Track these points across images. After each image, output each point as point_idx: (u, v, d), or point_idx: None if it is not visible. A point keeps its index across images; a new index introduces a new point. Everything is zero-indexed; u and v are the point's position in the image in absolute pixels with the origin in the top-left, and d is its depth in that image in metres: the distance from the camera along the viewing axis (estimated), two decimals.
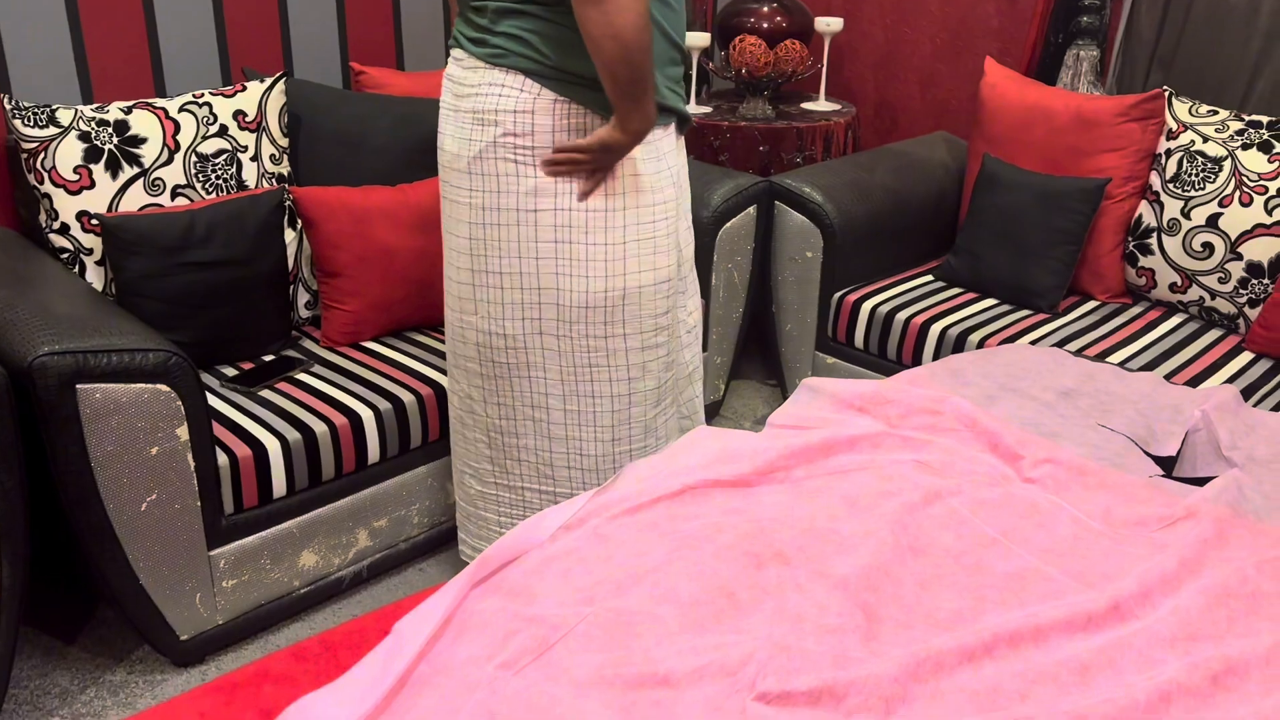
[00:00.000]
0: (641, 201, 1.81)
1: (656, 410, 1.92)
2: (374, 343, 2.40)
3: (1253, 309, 2.54)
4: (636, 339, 1.84)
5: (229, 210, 2.22)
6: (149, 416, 1.79)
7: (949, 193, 3.04)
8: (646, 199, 1.81)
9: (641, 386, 1.87)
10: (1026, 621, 1.09)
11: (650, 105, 1.67)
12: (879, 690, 1.00)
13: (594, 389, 1.86)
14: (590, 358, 1.84)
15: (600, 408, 1.87)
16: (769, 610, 1.10)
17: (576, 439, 1.89)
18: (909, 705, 1.00)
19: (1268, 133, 2.55)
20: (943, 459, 1.40)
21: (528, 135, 1.72)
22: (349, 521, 2.15)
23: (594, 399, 1.86)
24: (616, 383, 1.87)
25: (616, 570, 1.16)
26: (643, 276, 1.81)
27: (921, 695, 1.01)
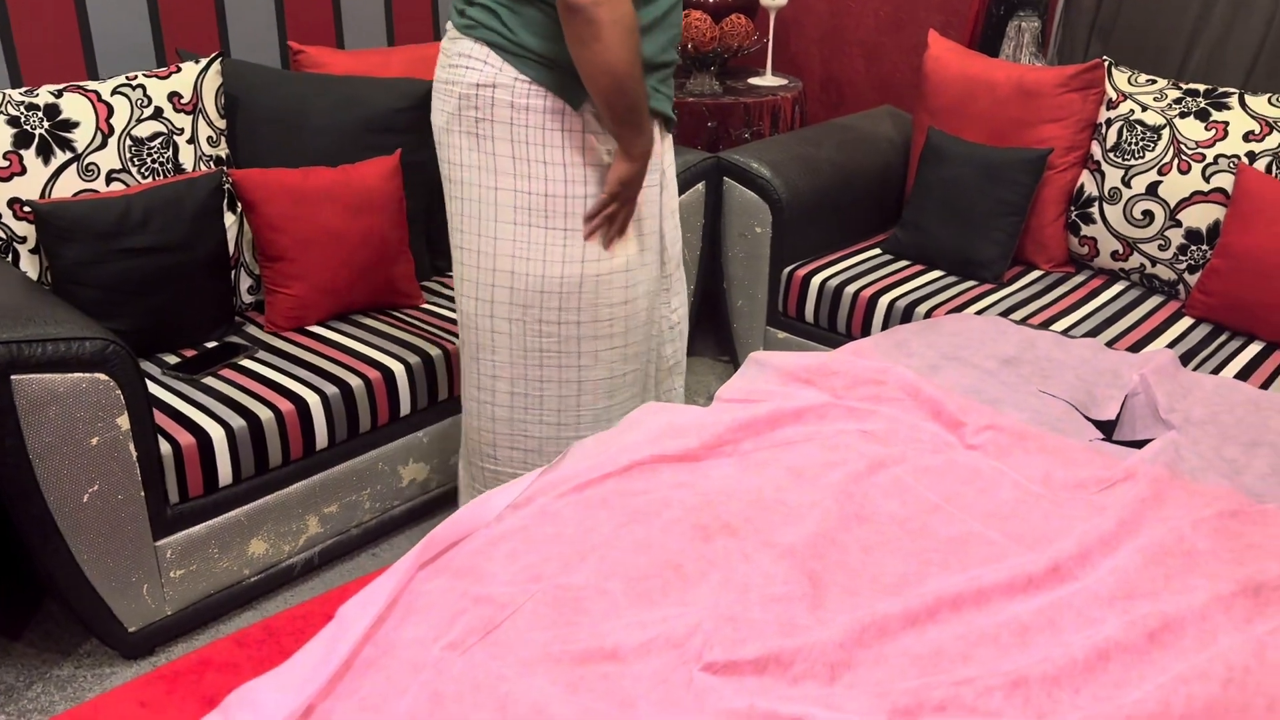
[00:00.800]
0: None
1: (611, 402, 1.90)
2: (320, 327, 2.38)
3: (1192, 275, 2.59)
4: (590, 327, 1.82)
5: (166, 195, 2.18)
6: (88, 406, 1.75)
7: (895, 166, 3.05)
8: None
9: (592, 375, 1.85)
10: (968, 584, 1.11)
11: (648, 126, 1.68)
12: (824, 656, 1.01)
13: (542, 374, 1.84)
14: (541, 342, 1.82)
15: (547, 393, 1.85)
16: (715, 581, 1.10)
17: (521, 421, 1.88)
18: (853, 670, 1.01)
19: (1204, 100, 2.59)
20: (886, 428, 1.41)
21: (487, 109, 1.69)
22: (298, 509, 2.13)
23: (541, 384, 1.85)
24: (566, 369, 1.85)
25: (564, 547, 1.16)
26: (600, 265, 1.78)
27: (865, 660, 1.02)
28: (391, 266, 2.49)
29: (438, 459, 2.36)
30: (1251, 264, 2.40)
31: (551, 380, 1.85)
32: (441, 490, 2.41)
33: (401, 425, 2.26)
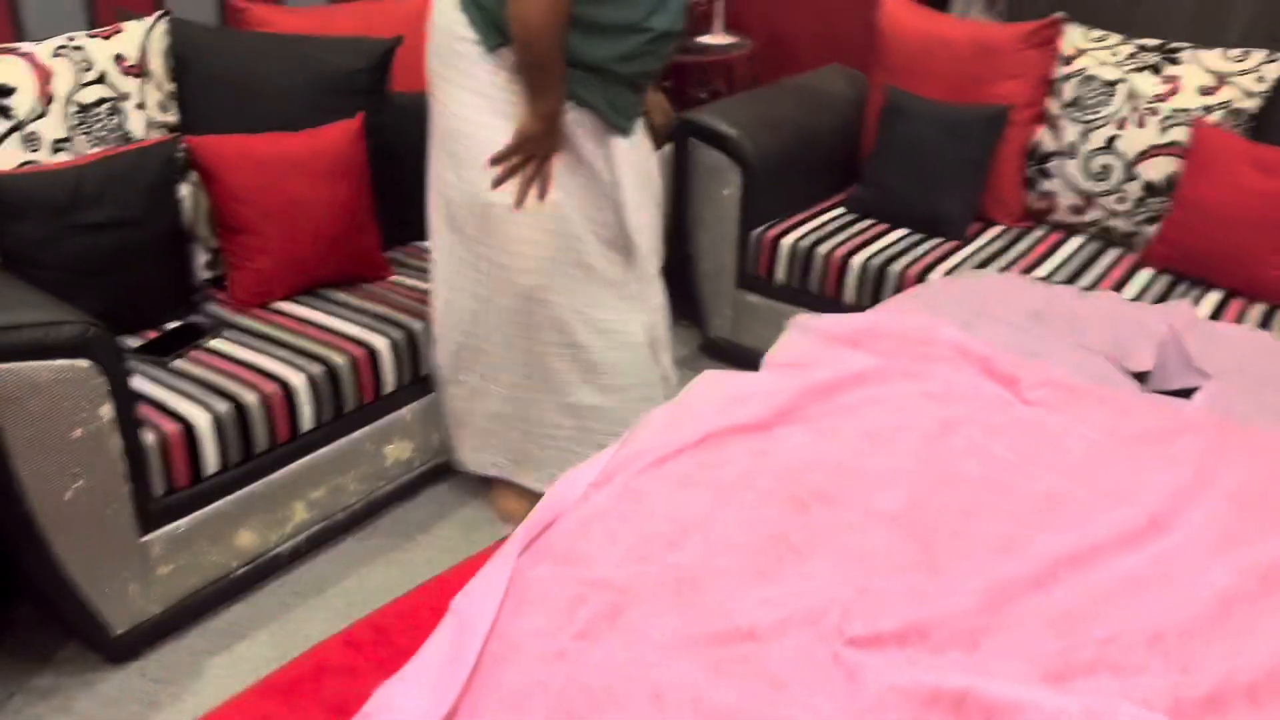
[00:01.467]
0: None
1: (528, 343, 2.04)
2: (288, 303, 2.25)
3: (1149, 227, 2.65)
4: (502, 254, 1.98)
5: (119, 165, 2.02)
6: (70, 396, 1.62)
7: (851, 124, 3.05)
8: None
9: (499, 304, 2.02)
10: (1080, 543, 1.11)
11: (556, 93, 1.84)
12: (962, 624, 1.00)
13: (463, 285, 2.05)
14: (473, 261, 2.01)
15: (464, 305, 2.06)
16: (829, 553, 1.08)
17: (443, 329, 2.12)
18: (991, 637, 1.00)
19: (1158, 55, 2.64)
20: (945, 388, 1.40)
21: (437, 47, 1.95)
22: (285, 495, 2.02)
23: (460, 292, 2.06)
24: (479, 284, 2.04)
25: (662, 525, 1.11)
26: (494, 196, 1.93)
27: (1002, 625, 1.01)
28: (359, 237, 2.38)
29: (420, 436, 2.27)
30: (1209, 215, 2.47)
31: (467, 293, 2.06)
32: (425, 468, 2.32)
33: (385, 403, 2.17)
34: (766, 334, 2.77)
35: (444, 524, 2.27)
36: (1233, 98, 2.52)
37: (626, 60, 1.88)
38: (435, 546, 2.20)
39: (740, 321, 2.86)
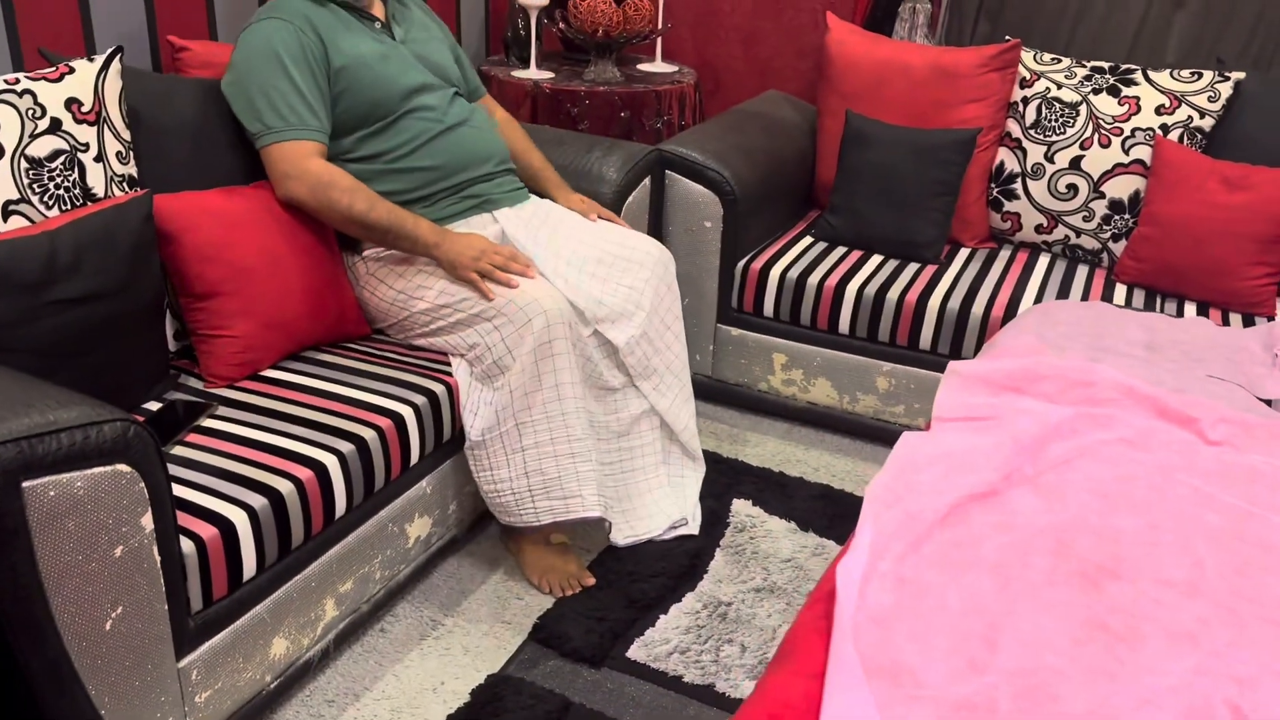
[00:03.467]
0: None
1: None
2: (280, 371, 2.00)
3: (1116, 243, 2.73)
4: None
5: (94, 227, 1.74)
6: (111, 508, 1.36)
7: (807, 151, 3.02)
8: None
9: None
10: None
11: (419, 234, 2.00)
12: None
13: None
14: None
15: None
16: (1159, 636, 1.00)
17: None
18: None
19: (1112, 77, 2.73)
20: (1138, 434, 1.36)
21: None
22: (317, 592, 1.79)
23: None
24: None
25: (965, 622, 1.01)
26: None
27: None
28: (337, 292, 2.15)
29: (439, 509, 2.07)
30: (1177, 230, 2.56)
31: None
32: (441, 543, 2.12)
33: (410, 476, 1.96)
34: (751, 368, 2.70)
35: (470, 602, 2.07)
36: (1190, 116, 2.63)
37: (418, 184, 2.13)
38: (468, 629, 2.00)
39: (722, 357, 2.77)
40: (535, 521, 1.98)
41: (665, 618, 2.02)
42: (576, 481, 1.97)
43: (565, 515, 1.97)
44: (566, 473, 1.96)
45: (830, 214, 2.84)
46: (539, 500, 1.97)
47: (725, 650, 1.95)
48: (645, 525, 2.18)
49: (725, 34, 3.42)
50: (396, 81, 2.08)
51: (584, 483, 1.97)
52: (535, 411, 1.93)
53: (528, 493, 1.97)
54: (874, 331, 2.57)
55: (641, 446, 2.18)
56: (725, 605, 2.06)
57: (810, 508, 2.38)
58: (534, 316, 1.90)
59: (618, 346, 2.09)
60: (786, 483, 2.48)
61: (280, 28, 1.99)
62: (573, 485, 1.96)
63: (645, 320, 2.11)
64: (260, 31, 2.00)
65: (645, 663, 1.90)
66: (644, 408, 2.17)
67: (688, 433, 2.25)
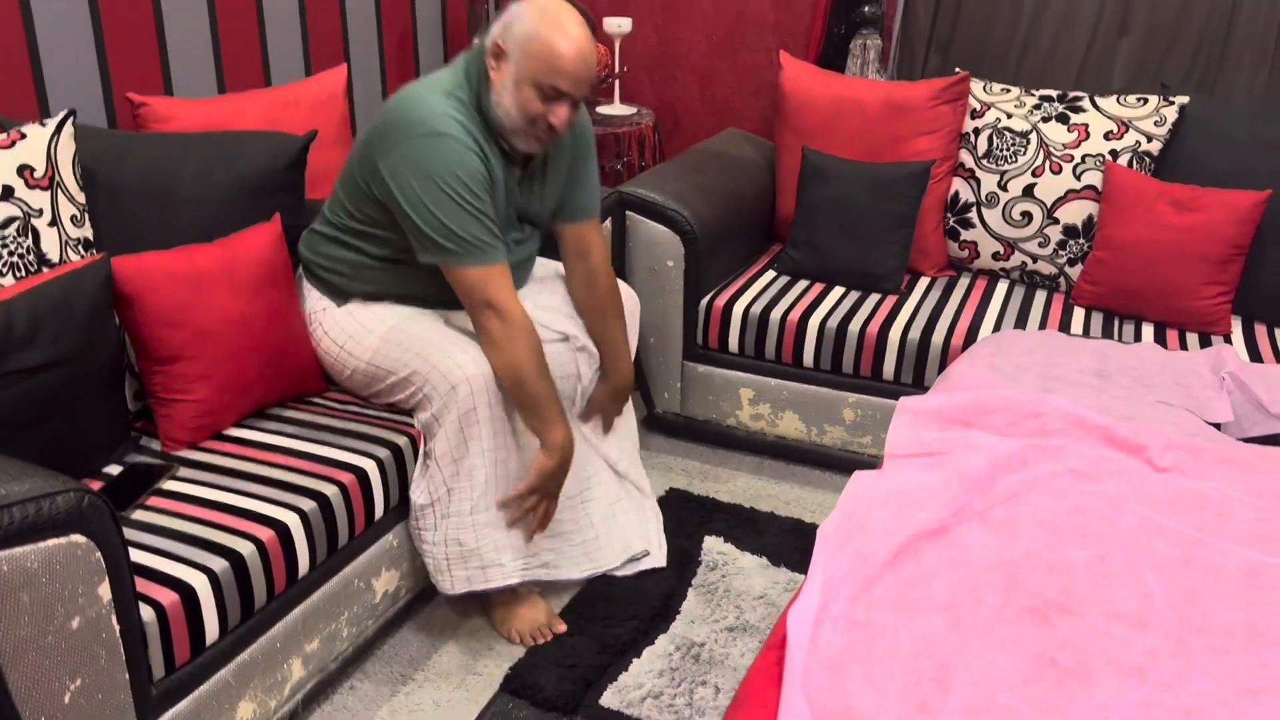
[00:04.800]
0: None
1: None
2: (239, 429, 2.00)
3: (1072, 267, 2.77)
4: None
5: (50, 294, 1.74)
6: (67, 579, 1.35)
7: (765, 188, 3.05)
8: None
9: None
10: None
11: (560, 426, 1.91)
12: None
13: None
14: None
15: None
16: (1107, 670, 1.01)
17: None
18: None
19: (1061, 105, 2.78)
20: (1087, 465, 1.37)
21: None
22: (283, 652, 1.77)
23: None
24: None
25: (921, 664, 1.01)
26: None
27: None
28: (295, 349, 2.15)
29: (406, 562, 2.06)
30: (1131, 252, 2.60)
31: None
32: (409, 597, 2.10)
33: (374, 531, 1.95)
34: (719, 404, 2.71)
35: (439, 656, 2.06)
36: (1138, 140, 2.67)
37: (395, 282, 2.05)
38: (437, 683, 1.99)
39: (689, 393, 2.78)
40: (452, 590, 1.98)
41: (638, 661, 2.01)
42: (494, 550, 1.96)
43: (483, 584, 1.98)
44: (484, 543, 1.95)
45: (791, 248, 2.86)
46: (455, 569, 1.97)
47: (699, 693, 1.94)
48: (603, 558, 2.18)
49: (682, 75, 3.46)
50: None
51: (500, 550, 1.97)
52: (461, 479, 1.92)
53: (445, 560, 1.96)
54: (838, 364, 2.59)
55: (597, 475, 2.18)
56: (698, 646, 2.06)
57: (782, 542, 2.39)
58: (457, 384, 1.89)
59: (582, 377, 2.10)
60: (757, 518, 2.49)
61: (465, 153, 1.84)
62: (490, 554, 1.96)
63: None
64: (448, 154, 1.83)
65: (619, 709, 1.90)
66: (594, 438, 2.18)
67: (624, 463, 2.26)
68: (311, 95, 2.49)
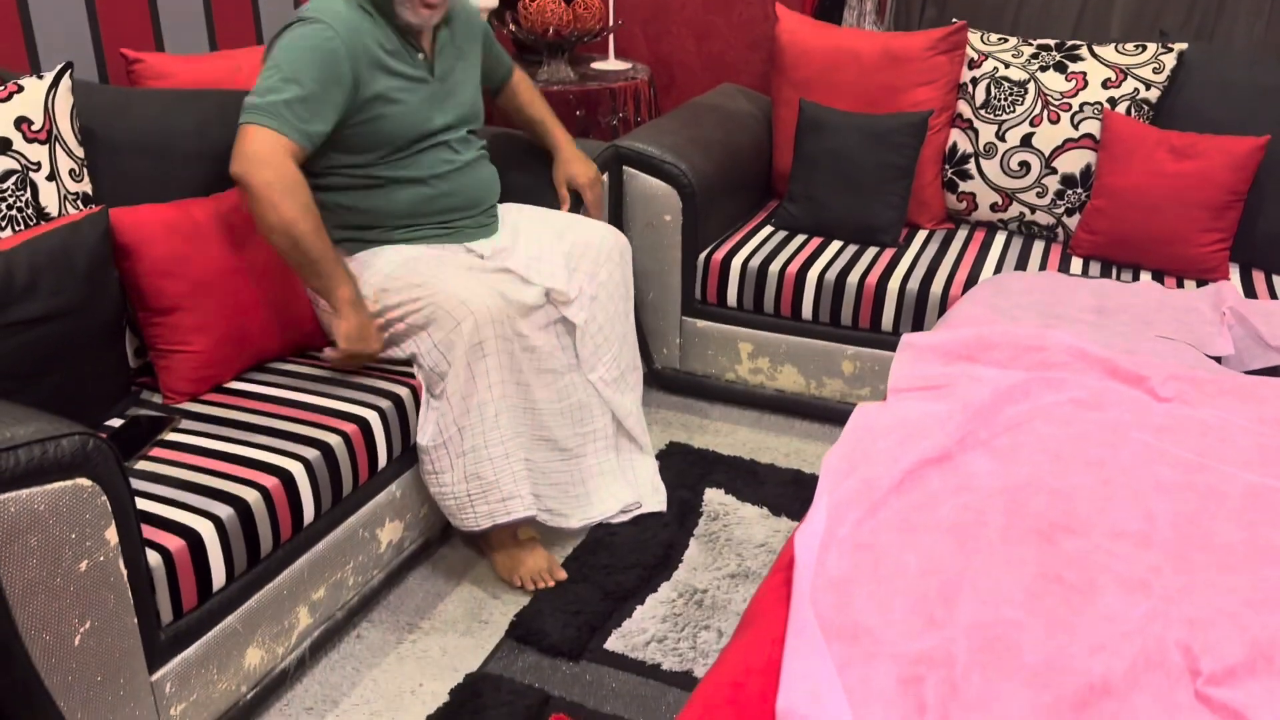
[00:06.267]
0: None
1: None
2: (240, 382, 2.00)
3: (1070, 218, 2.77)
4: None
5: (50, 246, 1.73)
6: (74, 523, 1.36)
7: (762, 142, 3.04)
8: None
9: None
10: None
11: (345, 284, 1.92)
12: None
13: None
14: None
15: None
16: (1113, 586, 1.02)
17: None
18: None
19: (1059, 54, 2.76)
20: (1090, 394, 1.38)
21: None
22: (290, 600, 1.78)
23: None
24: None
25: (927, 582, 1.02)
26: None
27: None
28: (294, 302, 2.15)
29: (411, 513, 2.07)
30: (1129, 200, 2.60)
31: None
32: (414, 547, 2.12)
33: (378, 481, 1.96)
34: (718, 359, 2.72)
35: (445, 604, 2.07)
36: (1136, 88, 2.66)
37: (419, 218, 2.13)
38: (444, 631, 2.00)
39: (689, 348, 2.78)
40: (476, 526, 2.00)
41: (642, 608, 2.03)
42: (513, 482, 1.98)
43: (505, 517, 1.99)
44: (503, 474, 1.97)
45: (789, 202, 2.86)
46: (478, 505, 1.98)
47: (702, 636, 1.96)
48: (598, 509, 2.22)
49: (677, 29, 3.44)
50: (420, 125, 2.08)
51: (519, 482, 1.99)
52: (472, 415, 1.94)
53: (467, 498, 1.98)
54: (836, 316, 2.60)
55: (592, 432, 2.20)
56: (701, 593, 2.07)
57: (782, 493, 2.40)
58: (462, 320, 1.91)
59: (576, 325, 2.12)
60: (758, 470, 2.50)
61: (326, 36, 1.93)
62: (509, 486, 1.98)
63: (603, 304, 2.15)
64: (304, 34, 1.94)
65: (623, 653, 1.91)
66: (592, 394, 2.19)
67: (633, 419, 2.27)
68: None
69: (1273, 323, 1.66)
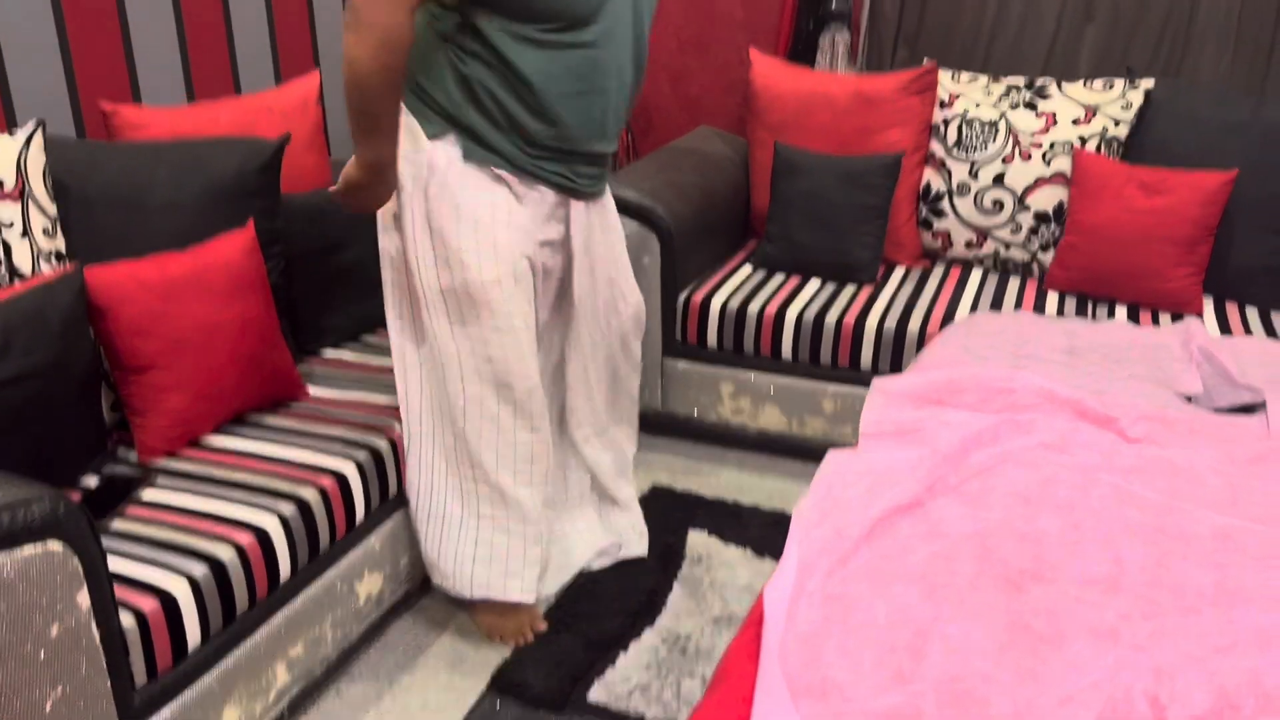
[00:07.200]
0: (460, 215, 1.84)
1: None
2: (216, 436, 1.99)
3: (1044, 253, 2.79)
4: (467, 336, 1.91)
5: (24, 307, 1.73)
6: (45, 587, 1.34)
7: (739, 183, 3.07)
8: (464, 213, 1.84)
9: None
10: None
11: (377, 146, 1.76)
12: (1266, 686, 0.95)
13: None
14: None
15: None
16: (1081, 634, 1.02)
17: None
18: None
19: (1028, 92, 2.80)
20: (1057, 437, 1.38)
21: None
22: (266, 658, 1.77)
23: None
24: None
25: (896, 634, 1.02)
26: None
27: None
28: (272, 355, 2.14)
29: (390, 565, 2.05)
30: (1102, 236, 2.62)
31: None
32: (394, 599, 2.10)
33: (356, 534, 1.95)
34: (700, 399, 2.72)
35: (426, 659, 2.06)
36: (1105, 126, 2.70)
37: (556, 136, 1.83)
38: (425, 686, 1.98)
39: (670, 390, 2.78)
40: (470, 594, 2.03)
41: (625, 656, 2.01)
42: (521, 562, 2.00)
43: (502, 595, 2.02)
44: (514, 548, 2.01)
45: (767, 242, 2.88)
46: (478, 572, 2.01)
47: (686, 684, 1.94)
48: (572, 561, 2.21)
49: (654, 73, 3.47)
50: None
51: (531, 565, 2.02)
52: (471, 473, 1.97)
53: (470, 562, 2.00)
54: (816, 355, 2.61)
55: (574, 484, 2.21)
56: (685, 639, 2.06)
57: (766, 534, 2.40)
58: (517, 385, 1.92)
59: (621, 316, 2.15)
60: (741, 511, 2.49)
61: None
62: (516, 565, 2.00)
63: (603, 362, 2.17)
64: None
65: (607, 704, 1.90)
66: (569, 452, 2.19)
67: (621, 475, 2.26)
68: (284, 102, 2.49)
69: (1241, 360, 1.68)
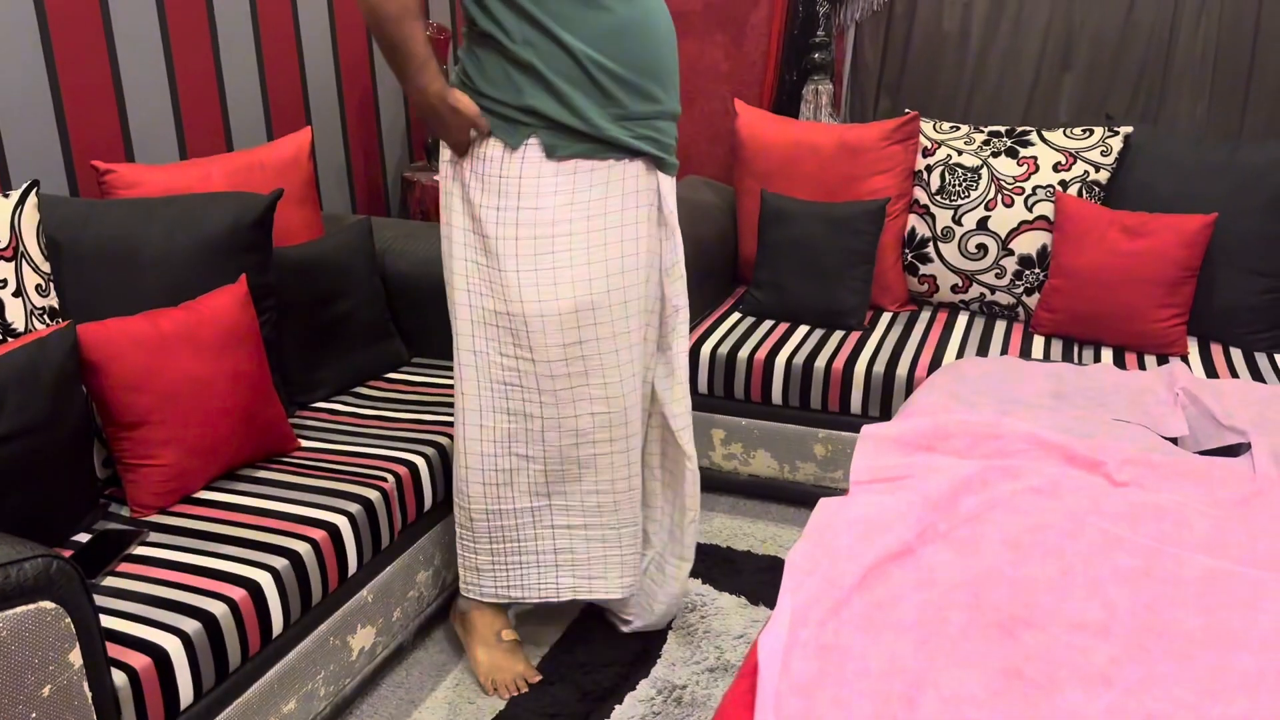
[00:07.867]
0: (537, 233, 1.79)
1: (578, 441, 1.93)
2: (208, 491, 1.99)
3: (1029, 297, 2.82)
4: (544, 366, 1.86)
5: (17, 364, 1.74)
6: (36, 646, 1.34)
7: (727, 231, 3.10)
8: (541, 230, 1.79)
9: (553, 413, 1.91)
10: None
11: (419, 82, 1.74)
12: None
13: (508, 405, 1.93)
14: (503, 375, 1.90)
15: (512, 425, 1.96)
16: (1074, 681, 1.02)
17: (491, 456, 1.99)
18: None
19: (1009, 140, 2.85)
20: (1046, 483, 1.40)
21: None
22: (259, 715, 1.75)
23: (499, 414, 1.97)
24: (528, 403, 1.92)
25: (890, 683, 1.02)
26: (543, 305, 1.82)
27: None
28: (265, 408, 2.15)
29: (382, 618, 2.05)
30: (1086, 279, 2.66)
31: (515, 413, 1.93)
32: (387, 653, 2.09)
33: (349, 587, 1.94)
34: None
35: (420, 711, 2.05)
36: (1086, 170, 2.75)
37: (623, 96, 1.75)
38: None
39: None
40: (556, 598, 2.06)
41: (620, 708, 2.01)
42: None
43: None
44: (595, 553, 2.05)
45: (755, 289, 2.91)
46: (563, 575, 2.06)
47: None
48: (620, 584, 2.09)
49: None
50: None
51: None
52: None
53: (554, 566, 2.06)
54: (806, 400, 2.62)
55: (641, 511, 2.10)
56: (680, 689, 2.05)
57: (760, 580, 2.40)
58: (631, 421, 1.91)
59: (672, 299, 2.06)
60: (734, 558, 2.50)
61: None
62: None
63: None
64: None
65: None
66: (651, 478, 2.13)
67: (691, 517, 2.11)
68: (276, 157, 2.52)
69: (1225, 401, 1.70)
